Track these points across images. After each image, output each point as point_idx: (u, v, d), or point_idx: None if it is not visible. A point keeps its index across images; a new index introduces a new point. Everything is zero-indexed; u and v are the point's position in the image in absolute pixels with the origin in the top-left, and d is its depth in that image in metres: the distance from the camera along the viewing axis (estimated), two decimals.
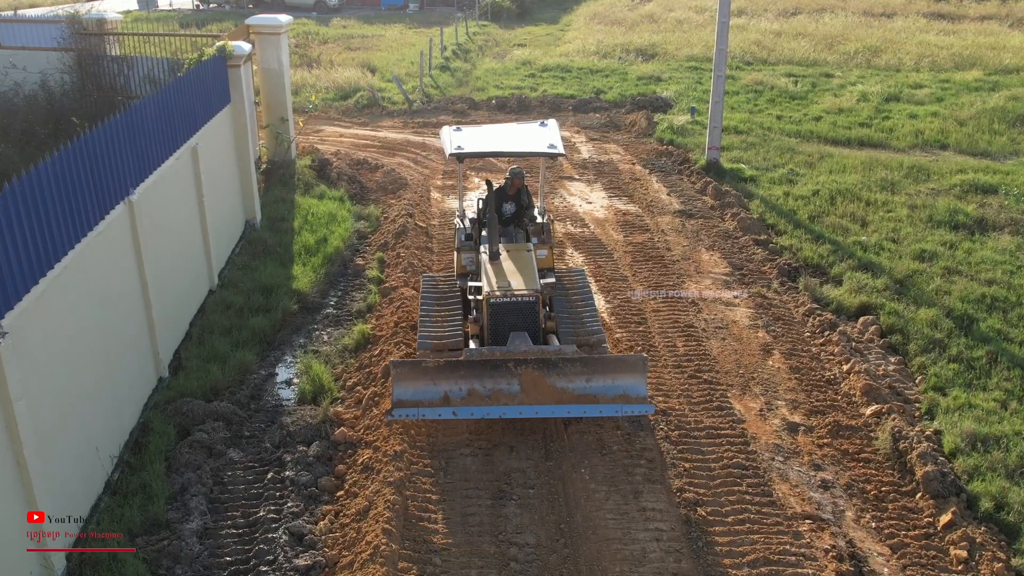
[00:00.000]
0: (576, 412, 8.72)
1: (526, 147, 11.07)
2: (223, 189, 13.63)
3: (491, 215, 10.35)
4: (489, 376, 8.68)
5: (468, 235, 11.27)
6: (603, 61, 31.94)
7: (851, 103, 24.87)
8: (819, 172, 18.42)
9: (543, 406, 8.67)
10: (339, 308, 12.60)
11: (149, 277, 9.68)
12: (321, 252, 13.93)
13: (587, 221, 15.66)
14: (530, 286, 9.47)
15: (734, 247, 14.42)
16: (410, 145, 21.06)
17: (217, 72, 13.43)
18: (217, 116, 13.35)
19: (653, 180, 18.12)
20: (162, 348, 10.14)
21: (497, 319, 9.34)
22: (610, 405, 8.70)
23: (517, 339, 9.09)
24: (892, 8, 45.63)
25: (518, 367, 8.67)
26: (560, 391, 8.67)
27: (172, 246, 10.84)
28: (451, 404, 8.67)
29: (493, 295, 9.36)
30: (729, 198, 16.44)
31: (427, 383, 8.70)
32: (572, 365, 8.73)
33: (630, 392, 8.70)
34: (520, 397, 8.65)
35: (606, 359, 9.06)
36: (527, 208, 11.31)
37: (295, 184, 17.23)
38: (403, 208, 15.96)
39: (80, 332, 7.99)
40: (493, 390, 8.66)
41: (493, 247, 10.10)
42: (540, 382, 8.65)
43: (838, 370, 10.57)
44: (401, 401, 8.69)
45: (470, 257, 10.85)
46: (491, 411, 8.68)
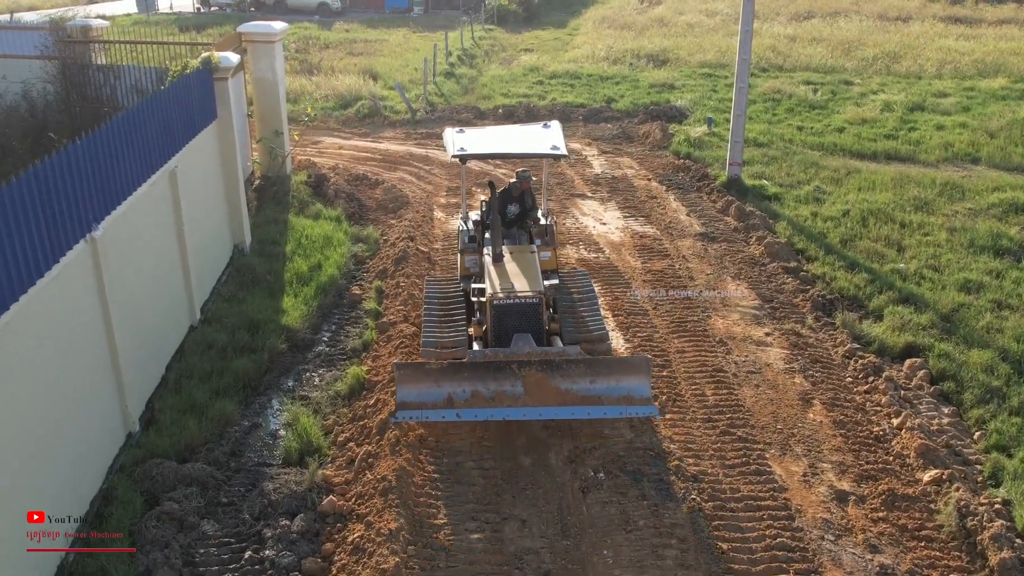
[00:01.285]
0: (580, 414, 8.67)
1: (529, 148, 11.11)
2: (208, 213, 12.57)
3: (494, 217, 10.28)
4: (492, 378, 8.66)
5: (471, 237, 11.22)
6: (613, 67, 30.83)
7: (875, 113, 23.75)
8: (847, 189, 17.31)
9: (547, 408, 8.62)
10: (332, 345, 11.51)
11: (116, 322, 8.61)
12: (314, 281, 12.84)
13: (602, 245, 14.55)
14: (533, 287, 9.48)
15: (762, 276, 13.30)
16: (412, 158, 19.98)
17: (202, 86, 12.35)
18: (201, 134, 12.28)
19: (671, 198, 17.00)
20: (132, 399, 9.06)
21: (500, 321, 9.33)
22: (614, 407, 8.64)
23: (520, 341, 9.08)
24: (907, 12, 44.54)
25: (521, 369, 8.64)
26: (564, 392, 8.63)
27: (145, 283, 9.76)
28: (455, 406, 8.62)
29: (496, 297, 9.36)
30: (754, 219, 15.31)
31: (431, 385, 8.67)
32: (576, 366, 8.69)
33: (634, 393, 8.65)
34: (524, 399, 8.61)
35: (610, 360, 9.05)
36: (531, 210, 11.34)
37: (289, 202, 16.16)
38: (404, 230, 14.87)
39: (29, 392, 6.92)
40: (497, 392, 8.63)
41: (496, 249, 10.10)
42: (544, 383, 8.62)
43: (887, 424, 9.45)
44: (405, 403, 8.64)
45: (473, 259, 10.80)
46: (495, 413, 8.62)
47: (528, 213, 11.32)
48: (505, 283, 9.54)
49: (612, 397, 8.63)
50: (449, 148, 10.85)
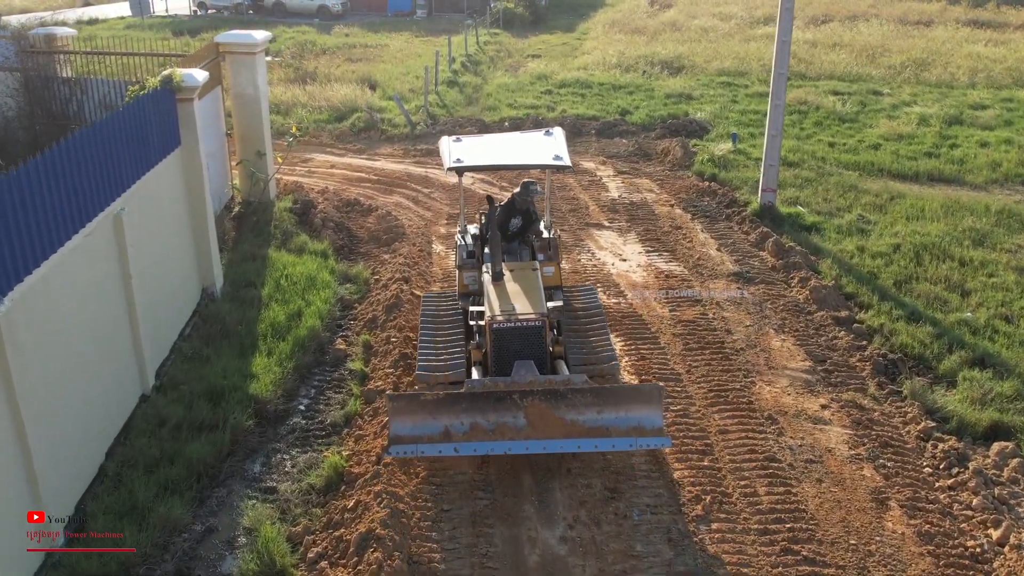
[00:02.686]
0: (587, 447, 8.20)
1: (530, 159, 10.61)
2: (168, 257, 10.86)
3: (493, 233, 9.79)
4: (493, 409, 8.14)
5: (470, 252, 10.65)
6: (626, 76, 29.04)
7: (910, 127, 21.96)
8: (893, 218, 15.53)
9: (551, 440, 8.13)
10: (310, 416, 9.77)
11: (28, 417, 6.89)
12: (292, 334, 11.10)
13: (623, 287, 12.78)
14: (536, 309, 8.97)
15: (809, 327, 11.53)
16: (410, 179, 18.23)
17: (161, 109, 10.63)
18: (161, 165, 10.57)
19: (697, 228, 15.22)
20: (54, 506, 7.34)
21: (501, 345, 8.84)
22: (623, 439, 8.16)
23: (523, 368, 8.57)
24: (928, 15, 42.73)
25: (524, 399, 8.13)
26: (569, 424, 8.15)
27: (75, 356, 8.03)
28: (452, 439, 8.13)
29: (496, 320, 8.86)
30: (794, 256, 13.53)
31: (426, 417, 8.15)
32: (582, 396, 8.19)
33: (645, 424, 8.18)
34: (527, 431, 8.12)
35: (618, 389, 8.56)
36: (535, 222, 10.81)
37: (271, 233, 14.42)
38: (397, 268, 13.12)
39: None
40: (497, 424, 8.13)
41: (496, 267, 9.56)
42: (548, 415, 8.13)
43: (984, 537, 7.68)
44: (399, 437, 8.11)
45: (472, 276, 10.32)
46: (495, 447, 8.14)
47: (531, 226, 10.73)
48: (505, 305, 9.03)
49: (621, 428, 8.14)
50: (445, 159, 10.31)
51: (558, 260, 10.71)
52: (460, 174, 10.61)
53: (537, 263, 10.10)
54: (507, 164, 11.00)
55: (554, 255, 10.68)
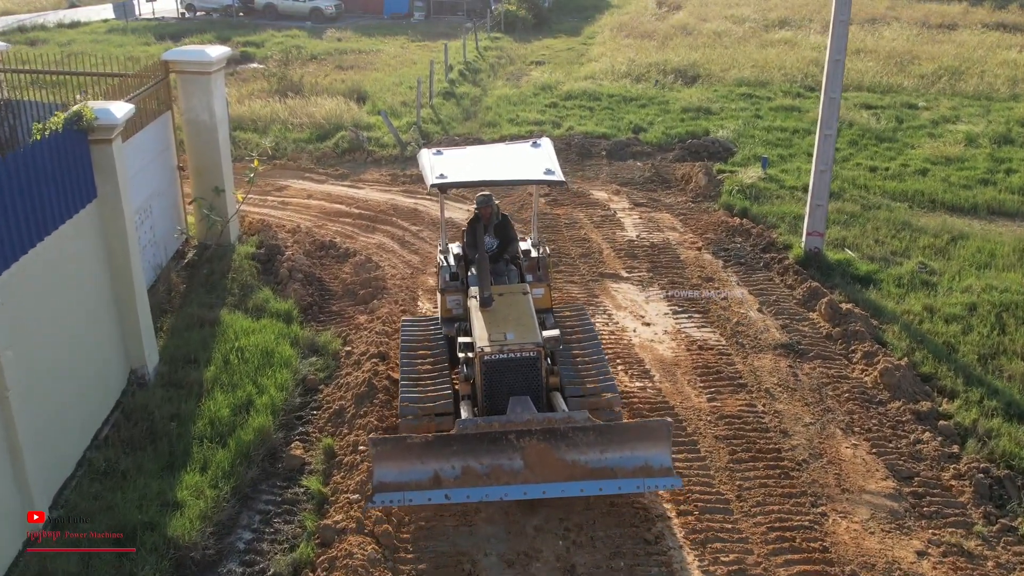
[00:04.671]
0: (591, 490, 7.60)
1: (519, 174, 9.76)
2: (79, 341, 8.59)
3: (481, 254, 9.11)
4: (486, 451, 7.54)
5: (453, 274, 9.90)
6: (637, 86, 26.70)
7: (957, 148, 19.65)
8: (960, 265, 13.25)
9: (551, 484, 7.54)
10: (248, 563, 7.48)
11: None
12: (236, 436, 8.81)
13: (647, 363, 10.49)
14: (530, 338, 8.32)
15: (884, 425, 9.23)
16: (397, 213, 15.92)
17: (67, 156, 8.35)
18: (68, 225, 8.31)
19: (732, 281, 12.90)
20: None
21: (492, 379, 8.20)
22: (630, 480, 7.60)
23: (518, 405, 7.92)
24: (951, 18, 40.41)
25: (520, 439, 7.54)
26: (571, 465, 7.60)
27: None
28: (443, 486, 7.50)
29: (486, 352, 8.20)
30: (853, 322, 11.21)
31: (414, 462, 7.50)
32: (584, 434, 7.60)
33: (652, 463, 7.62)
34: (524, 474, 7.56)
35: (623, 426, 7.95)
36: (511, 242, 10.01)
37: (227, 287, 12.14)
38: (374, 339, 10.82)
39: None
40: (492, 467, 7.55)
41: (484, 292, 8.84)
42: (547, 456, 7.57)
43: None
44: (383, 484, 7.47)
45: (456, 299, 9.67)
46: (490, 492, 7.53)
47: (508, 246, 9.93)
48: (496, 334, 8.37)
49: (627, 468, 7.60)
50: (427, 175, 9.50)
51: (548, 281, 9.99)
52: (443, 191, 10.11)
53: (527, 285, 9.41)
54: (496, 180, 9.99)
55: (544, 276, 9.95)
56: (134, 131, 11.55)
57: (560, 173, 9.37)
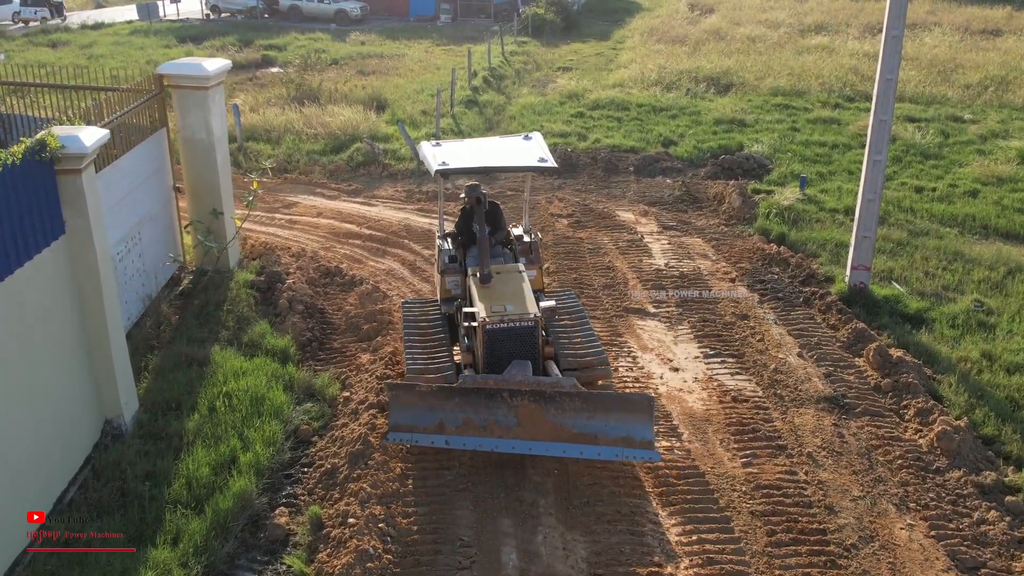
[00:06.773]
0: (572, 452, 8.23)
1: (516, 161, 10.37)
2: (41, 393, 7.74)
3: (482, 235, 9.83)
4: (485, 406, 8.30)
5: (452, 256, 10.42)
6: (668, 95, 25.59)
7: (1010, 168, 18.38)
8: (1021, 304, 12.09)
9: (538, 443, 8.25)
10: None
11: None
12: (214, 502, 7.91)
13: (675, 417, 9.46)
14: (528, 310, 8.89)
15: (943, 500, 8.14)
16: (410, 235, 14.98)
17: (29, 189, 7.50)
18: (28, 266, 7.47)
19: (769, 319, 11.81)
20: None
21: (494, 347, 8.71)
22: (610, 448, 8.18)
23: (516, 367, 8.54)
24: (995, 24, 38.80)
25: (514, 398, 8.25)
26: (558, 427, 8.23)
27: None
28: (445, 432, 8.36)
29: (489, 321, 8.71)
30: (905, 372, 10.10)
31: (424, 408, 8.39)
32: (571, 400, 8.25)
33: (634, 435, 8.17)
34: (516, 430, 8.26)
35: (608, 396, 8.64)
36: (501, 229, 10.59)
37: (222, 319, 11.28)
38: (375, 385, 9.88)
39: None
40: (488, 420, 8.30)
41: (484, 269, 9.49)
42: (537, 416, 8.23)
43: None
44: (398, 425, 8.41)
45: (455, 280, 10.24)
46: (484, 443, 8.32)
47: (497, 232, 10.48)
48: (496, 306, 8.94)
49: (609, 436, 8.19)
50: (429, 164, 10.12)
51: (540, 263, 10.58)
52: (445, 177, 10.80)
53: (522, 265, 9.96)
54: (494, 167, 10.78)
55: (536, 259, 10.50)
56: (124, 151, 10.75)
57: (552, 160, 10.10)
